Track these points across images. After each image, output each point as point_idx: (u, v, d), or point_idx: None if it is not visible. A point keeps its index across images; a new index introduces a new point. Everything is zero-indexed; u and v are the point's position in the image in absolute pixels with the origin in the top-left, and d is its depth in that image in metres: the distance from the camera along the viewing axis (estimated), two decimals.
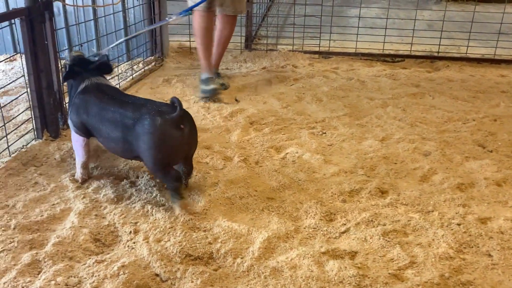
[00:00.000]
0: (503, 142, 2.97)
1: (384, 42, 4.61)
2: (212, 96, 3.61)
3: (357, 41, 4.70)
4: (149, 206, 2.25)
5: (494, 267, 1.92)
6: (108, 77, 2.65)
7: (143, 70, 4.28)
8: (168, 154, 2.20)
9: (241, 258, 1.95)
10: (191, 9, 3.36)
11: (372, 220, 2.19)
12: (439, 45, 4.55)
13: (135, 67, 4.27)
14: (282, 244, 2.04)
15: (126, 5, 4.28)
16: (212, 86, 3.63)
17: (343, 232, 2.13)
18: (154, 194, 2.36)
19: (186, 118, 2.22)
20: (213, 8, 3.66)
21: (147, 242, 2.01)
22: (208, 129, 3.14)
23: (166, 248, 1.97)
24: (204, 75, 3.73)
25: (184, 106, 3.48)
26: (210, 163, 2.70)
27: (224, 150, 2.83)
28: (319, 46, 4.78)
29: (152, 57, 4.52)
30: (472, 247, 2.03)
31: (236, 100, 3.61)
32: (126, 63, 4.33)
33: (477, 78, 4.16)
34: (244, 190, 2.43)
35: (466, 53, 4.57)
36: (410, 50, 4.63)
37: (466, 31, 4.57)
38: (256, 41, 5.16)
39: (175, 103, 2.17)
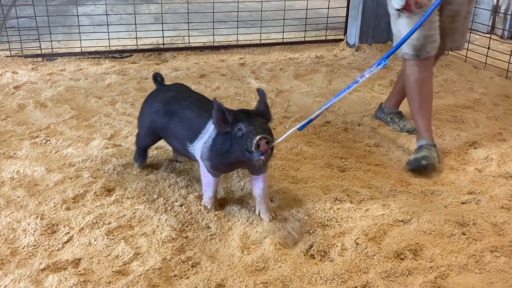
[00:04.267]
0: None
1: (109, 39, 4.56)
2: (417, 169, 2.61)
3: (81, 39, 4.54)
4: None
5: (212, 237, 2.09)
6: None
7: None
8: None
9: None
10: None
11: (96, 222, 2.14)
12: (163, 37, 4.73)
13: None
14: None
15: None
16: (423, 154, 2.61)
17: (66, 242, 2.03)
18: None
19: None
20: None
21: None
22: None
23: None
24: (420, 142, 2.74)
25: None
26: None
27: None
28: (41, 49, 4.45)
29: None
30: (193, 224, 2.17)
31: None
32: None
33: (201, 65, 4.47)
34: None
35: (189, 43, 4.86)
36: (137, 44, 4.69)
37: (190, 22, 4.85)
38: None
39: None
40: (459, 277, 1.88)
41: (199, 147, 2.18)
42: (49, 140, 2.93)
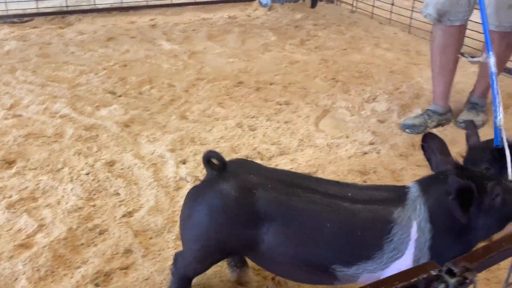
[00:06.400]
0: (131, 85, 3.16)
1: (6, 2, 4.21)
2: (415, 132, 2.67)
3: None
4: None
5: (122, 203, 2.06)
6: None
7: None
8: None
9: None
10: None
11: None
12: None
13: None
14: None
15: None
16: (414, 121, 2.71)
17: None
18: None
19: None
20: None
21: None
22: None
23: None
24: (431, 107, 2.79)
25: None
26: None
27: None
28: None
29: None
30: (101, 191, 2.12)
31: None
32: None
33: (109, 27, 4.27)
34: None
35: (95, 4, 4.61)
36: (38, 8, 4.38)
37: None
38: None
39: None
40: None
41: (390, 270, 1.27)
42: None
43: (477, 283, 0.84)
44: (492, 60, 1.84)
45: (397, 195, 1.31)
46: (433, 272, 0.86)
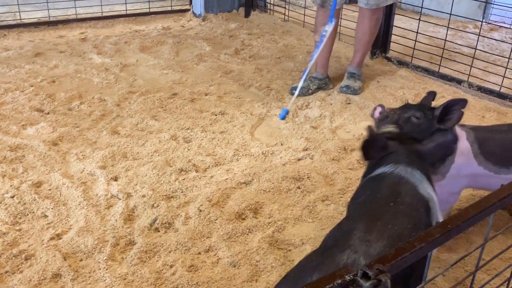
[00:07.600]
0: (60, 101, 3.05)
1: None
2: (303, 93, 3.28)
3: None
4: None
5: (49, 225, 1.98)
6: None
7: None
8: None
9: None
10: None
11: None
12: None
13: None
14: None
15: None
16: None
17: None
18: None
19: None
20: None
21: None
22: None
23: None
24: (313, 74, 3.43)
25: None
26: None
27: None
28: None
29: None
30: (28, 214, 2.03)
31: None
32: None
33: (36, 42, 4.11)
34: None
35: (21, 19, 4.43)
36: None
37: None
38: None
39: None
40: (294, 228, 2.03)
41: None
42: None
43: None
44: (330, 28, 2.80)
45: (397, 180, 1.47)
46: (348, 277, 0.88)
